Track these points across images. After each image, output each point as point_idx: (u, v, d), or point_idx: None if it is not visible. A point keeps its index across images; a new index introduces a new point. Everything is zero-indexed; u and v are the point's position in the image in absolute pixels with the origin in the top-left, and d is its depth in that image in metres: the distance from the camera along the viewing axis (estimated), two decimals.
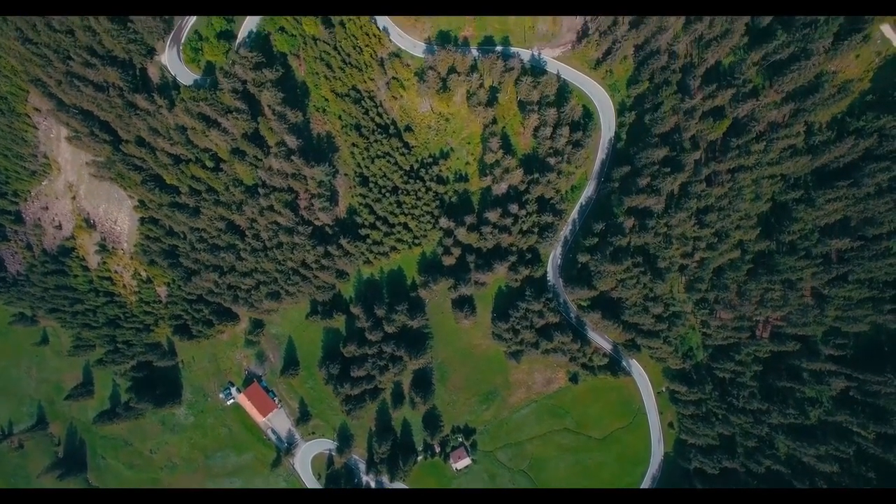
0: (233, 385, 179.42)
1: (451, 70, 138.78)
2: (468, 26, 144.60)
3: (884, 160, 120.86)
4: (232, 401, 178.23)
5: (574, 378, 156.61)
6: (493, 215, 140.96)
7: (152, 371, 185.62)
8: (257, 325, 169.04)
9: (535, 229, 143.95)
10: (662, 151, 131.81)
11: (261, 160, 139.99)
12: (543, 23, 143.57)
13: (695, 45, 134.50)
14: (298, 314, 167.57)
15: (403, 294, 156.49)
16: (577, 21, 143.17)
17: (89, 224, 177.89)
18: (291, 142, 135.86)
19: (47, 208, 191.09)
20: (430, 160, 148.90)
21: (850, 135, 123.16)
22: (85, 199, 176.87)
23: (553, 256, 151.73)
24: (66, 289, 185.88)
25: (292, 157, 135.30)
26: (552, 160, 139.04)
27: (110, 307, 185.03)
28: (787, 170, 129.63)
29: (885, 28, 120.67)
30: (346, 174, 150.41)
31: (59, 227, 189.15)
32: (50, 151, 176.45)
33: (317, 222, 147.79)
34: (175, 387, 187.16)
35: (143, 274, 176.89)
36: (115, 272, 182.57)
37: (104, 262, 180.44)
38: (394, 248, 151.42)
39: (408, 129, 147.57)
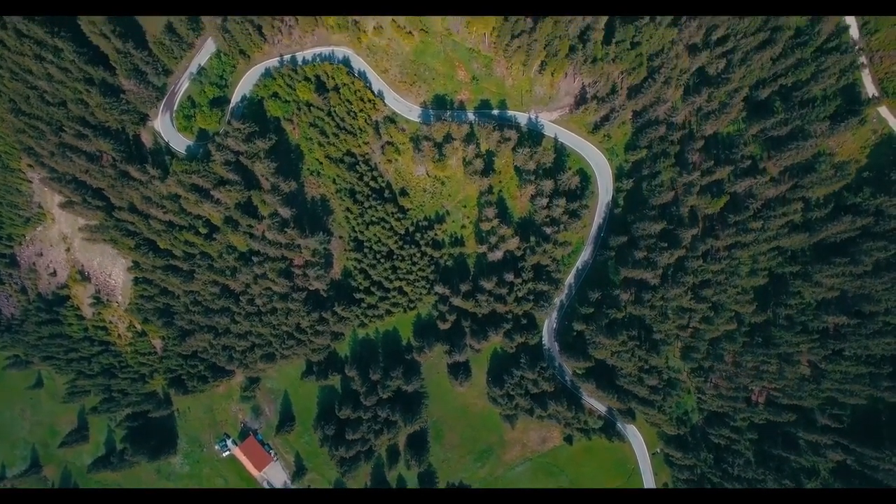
0: (228, 437, 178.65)
1: (447, 138, 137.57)
2: (464, 90, 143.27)
3: (881, 239, 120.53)
4: (228, 453, 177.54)
5: (569, 439, 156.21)
6: (488, 284, 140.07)
7: (148, 420, 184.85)
8: (253, 380, 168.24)
9: (531, 297, 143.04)
10: (659, 225, 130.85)
11: (253, 227, 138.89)
12: (541, 86, 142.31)
13: (694, 115, 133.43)
14: (294, 370, 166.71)
15: (399, 355, 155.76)
16: (574, 84, 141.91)
17: (84, 276, 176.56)
18: (285, 212, 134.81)
19: (42, 254, 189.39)
20: (426, 223, 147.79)
21: (847, 212, 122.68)
22: (79, 252, 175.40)
23: (549, 320, 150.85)
24: (61, 337, 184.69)
25: (286, 229, 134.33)
26: (548, 229, 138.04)
27: (105, 356, 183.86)
28: (785, 244, 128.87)
29: (882, 109, 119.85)
30: (340, 237, 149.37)
31: (54, 273, 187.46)
32: (44, 203, 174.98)
33: (311, 287, 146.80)
34: (170, 436, 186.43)
35: (138, 326, 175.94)
36: (110, 322, 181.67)
37: (99, 314, 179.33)
38: (389, 312, 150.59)
39: (403, 192, 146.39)
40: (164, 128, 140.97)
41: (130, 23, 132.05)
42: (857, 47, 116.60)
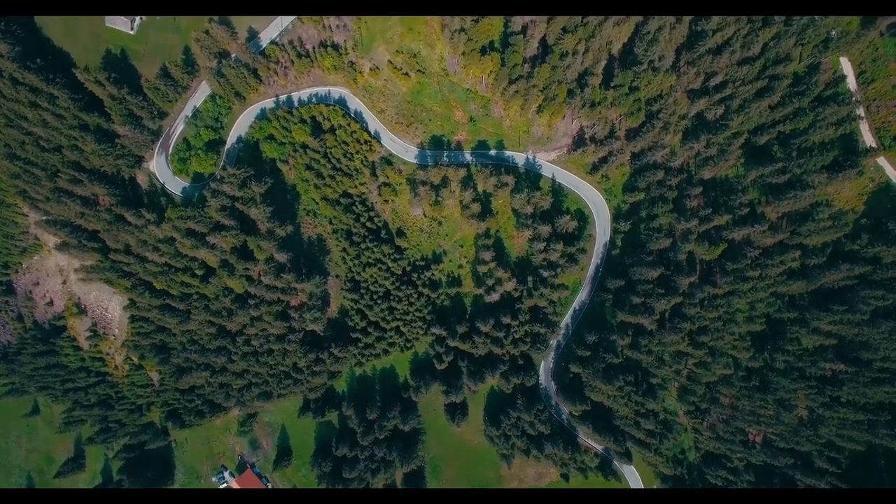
0: (226, 469, 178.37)
1: (444, 182, 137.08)
2: (461, 130, 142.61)
3: (879, 288, 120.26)
4: (225, 485, 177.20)
5: (565, 476, 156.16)
6: (485, 327, 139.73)
7: (145, 451, 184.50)
8: (251, 414, 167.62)
9: (528, 339, 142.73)
10: (657, 271, 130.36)
11: (249, 269, 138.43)
12: (538, 126, 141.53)
13: (692, 159, 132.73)
14: (292, 404, 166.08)
15: (396, 392, 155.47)
16: (573, 125, 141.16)
17: (80, 309, 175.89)
18: (281, 257, 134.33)
19: (38, 284, 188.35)
20: (423, 263, 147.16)
21: (845, 259, 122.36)
22: (75, 285, 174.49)
23: (546, 360, 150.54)
24: (57, 367, 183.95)
25: (282, 274, 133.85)
26: (545, 273, 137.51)
27: (102, 387, 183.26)
28: (783, 290, 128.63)
29: (881, 160, 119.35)
30: (337, 276, 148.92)
31: (51, 303, 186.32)
32: (40, 235, 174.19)
33: (308, 328, 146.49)
34: (167, 467, 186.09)
35: (135, 359, 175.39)
36: (107, 354, 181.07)
37: (96, 345, 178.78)
38: (386, 351, 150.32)
39: (400, 232, 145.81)
40: (160, 169, 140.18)
41: (125, 68, 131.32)
42: (854, 99, 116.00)
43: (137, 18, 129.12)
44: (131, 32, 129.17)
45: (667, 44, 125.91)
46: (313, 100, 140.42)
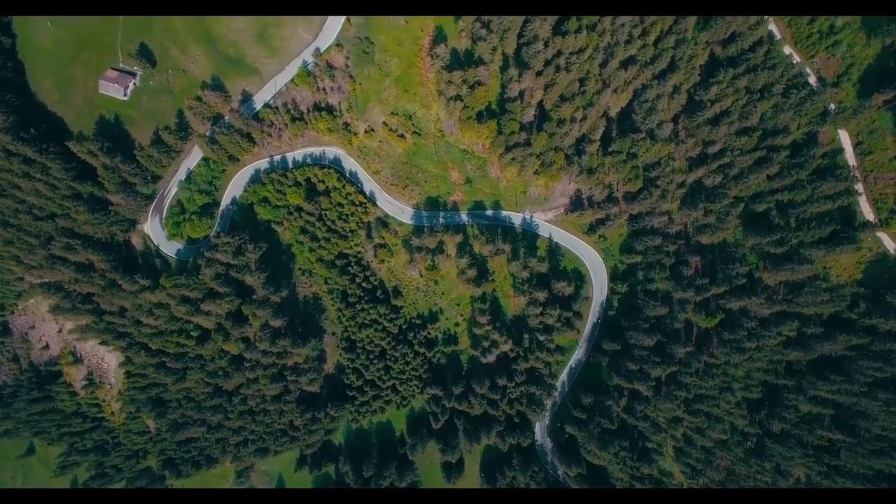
0: None
1: (440, 248, 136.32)
2: (458, 191, 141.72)
3: (876, 359, 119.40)
4: None
5: None
6: (481, 389, 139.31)
7: None
8: (248, 465, 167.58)
9: (524, 399, 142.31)
10: (653, 339, 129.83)
11: (245, 332, 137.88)
12: (535, 187, 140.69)
13: (690, 225, 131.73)
14: (289, 455, 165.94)
15: (392, 447, 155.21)
16: (570, 186, 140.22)
17: (76, 358, 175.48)
18: (276, 323, 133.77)
19: (34, 327, 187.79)
20: (419, 322, 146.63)
21: (843, 328, 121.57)
22: (71, 333, 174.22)
23: (542, 418, 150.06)
24: (53, 412, 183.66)
25: (277, 340, 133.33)
26: (541, 336, 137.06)
27: (98, 432, 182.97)
28: (780, 358, 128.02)
29: (882, 234, 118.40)
30: (333, 333, 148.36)
31: (47, 346, 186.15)
32: (35, 281, 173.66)
33: (304, 388, 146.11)
34: None
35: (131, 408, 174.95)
36: (103, 401, 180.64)
37: (92, 393, 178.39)
38: (382, 409, 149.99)
39: (396, 291, 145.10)
40: (154, 232, 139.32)
41: (119, 133, 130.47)
42: (851, 174, 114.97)
43: (130, 84, 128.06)
44: (124, 98, 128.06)
45: (665, 112, 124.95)
46: (308, 160, 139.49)
